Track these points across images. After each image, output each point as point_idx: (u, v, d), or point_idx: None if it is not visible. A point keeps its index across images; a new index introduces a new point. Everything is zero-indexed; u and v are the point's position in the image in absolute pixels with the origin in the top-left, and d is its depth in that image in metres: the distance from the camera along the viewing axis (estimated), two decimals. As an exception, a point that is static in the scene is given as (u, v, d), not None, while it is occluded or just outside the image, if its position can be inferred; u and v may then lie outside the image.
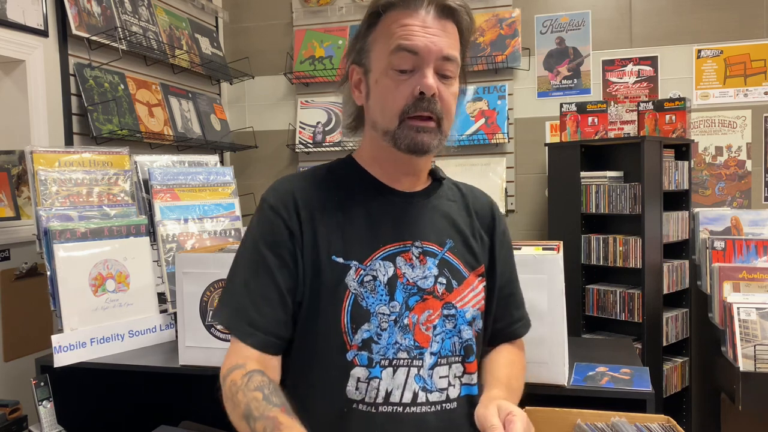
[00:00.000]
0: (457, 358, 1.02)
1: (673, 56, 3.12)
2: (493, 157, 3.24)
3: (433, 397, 0.98)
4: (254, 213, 1.04)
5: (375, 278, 0.98)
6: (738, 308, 2.04)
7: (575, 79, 3.22)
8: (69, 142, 2.39)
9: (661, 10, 3.12)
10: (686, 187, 2.87)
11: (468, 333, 1.03)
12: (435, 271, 1.02)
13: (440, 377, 0.99)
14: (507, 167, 3.23)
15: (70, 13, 2.36)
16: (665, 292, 2.72)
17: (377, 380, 0.96)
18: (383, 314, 0.97)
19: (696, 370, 2.86)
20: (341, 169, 1.08)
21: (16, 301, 2.10)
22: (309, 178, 1.05)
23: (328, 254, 0.98)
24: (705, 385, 2.77)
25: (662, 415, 1.35)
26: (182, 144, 2.95)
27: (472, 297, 1.05)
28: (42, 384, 1.70)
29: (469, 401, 1.03)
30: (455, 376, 1.01)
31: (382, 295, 0.98)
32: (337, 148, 3.38)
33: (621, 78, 3.18)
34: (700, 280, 2.70)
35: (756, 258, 2.43)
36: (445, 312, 1.01)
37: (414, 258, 1.01)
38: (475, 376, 1.05)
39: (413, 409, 0.96)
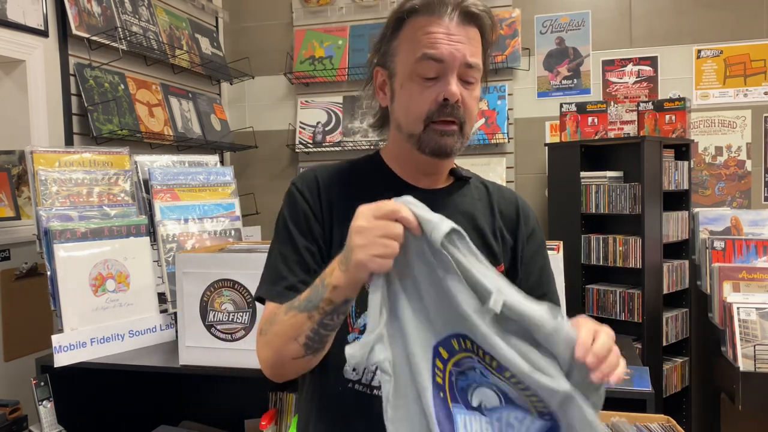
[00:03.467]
0: None
1: (673, 56, 3.12)
2: (493, 157, 3.24)
3: None
4: (284, 198, 1.08)
5: None
6: (738, 308, 2.04)
7: (575, 79, 3.22)
8: (69, 142, 2.39)
9: (661, 11, 3.12)
10: (686, 187, 2.87)
11: None
12: None
13: None
14: (507, 167, 3.23)
15: (70, 13, 2.36)
16: (665, 292, 2.72)
17: None
18: None
19: (696, 370, 2.86)
20: (365, 164, 1.11)
21: (16, 301, 2.10)
22: (332, 169, 1.09)
23: (341, 241, 0.98)
24: (705, 385, 2.77)
25: (662, 415, 1.36)
26: (182, 144, 2.95)
27: None
28: (42, 384, 1.70)
29: None
30: None
31: None
32: (337, 148, 3.38)
33: (621, 78, 3.18)
34: (700, 280, 2.70)
35: (756, 258, 2.43)
36: None
37: None
38: None
39: None
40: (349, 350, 0.77)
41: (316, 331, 0.87)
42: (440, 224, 0.76)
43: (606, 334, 0.78)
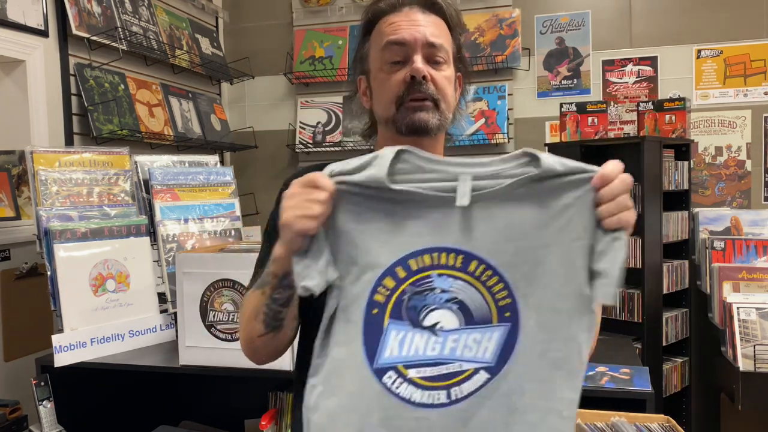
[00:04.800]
0: None
1: (673, 56, 3.11)
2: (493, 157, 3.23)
3: None
4: (278, 197, 1.09)
5: None
6: (738, 308, 2.04)
7: (575, 79, 3.22)
8: (69, 142, 2.39)
9: (661, 10, 3.12)
10: (686, 187, 2.87)
11: None
12: None
13: None
14: (507, 167, 3.23)
15: (71, 13, 2.36)
16: (665, 292, 2.71)
17: None
18: None
19: (696, 370, 2.86)
20: None
21: (16, 301, 2.10)
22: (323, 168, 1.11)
23: None
24: (705, 385, 2.77)
25: (662, 415, 1.36)
26: (182, 144, 2.95)
27: None
28: (42, 384, 1.70)
29: None
30: None
31: None
32: (337, 148, 3.38)
33: (621, 78, 3.18)
34: (700, 280, 2.70)
35: (756, 258, 2.43)
36: None
37: None
38: None
39: None
40: (310, 283, 0.83)
41: (269, 307, 0.93)
42: (378, 166, 0.83)
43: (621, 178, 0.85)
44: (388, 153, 0.83)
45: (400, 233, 0.84)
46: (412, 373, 0.82)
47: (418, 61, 1.00)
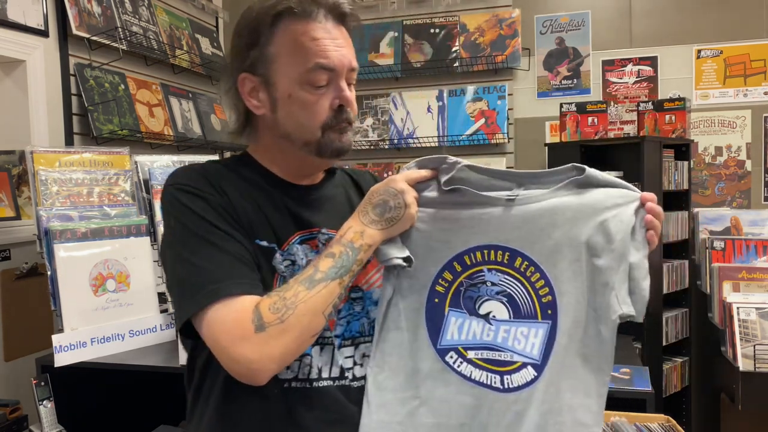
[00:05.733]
0: (367, 338, 1.05)
1: (673, 56, 3.12)
2: (493, 157, 3.24)
3: (348, 373, 1.03)
4: (172, 204, 0.97)
5: (294, 263, 1.00)
6: (738, 308, 2.04)
7: (575, 80, 3.22)
8: (69, 142, 2.39)
9: (661, 10, 3.12)
10: (686, 187, 2.87)
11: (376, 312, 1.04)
12: None
13: (345, 357, 1.03)
14: (507, 167, 3.22)
15: (71, 13, 2.36)
16: (665, 291, 2.71)
17: (309, 357, 0.99)
18: None
19: (696, 370, 2.86)
20: (239, 166, 1.06)
21: (16, 301, 2.10)
22: (211, 169, 1.03)
23: (252, 238, 0.98)
24: (705, 385, 2.77)
25: (662, 415, 1.36)
26: (182, 144, 2.95)
27: (379, 277, 1.06)
28: (42, 384, 1.70)
29: None
30: (364, 356, 1.04)
31: None
32: (337, 148, 3.38)
33: (621, 78, 3.18)
34: (700, 280, 2.70)
35: (756, 258, 2.43)
36: (352, 295, 1.05)
37: (320, 245, 1.03)
38: None
39: (341, 382, 1.01)
40: (403, 255, 0.95)
41: (341, 296, 0.93)
42: (447, 170, 0.97)
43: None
44: (450, 171, 0.97)
45: (456, 232, 0.96)
46: (471, 354, 0.94)
47: (347, 89, 1.01)
